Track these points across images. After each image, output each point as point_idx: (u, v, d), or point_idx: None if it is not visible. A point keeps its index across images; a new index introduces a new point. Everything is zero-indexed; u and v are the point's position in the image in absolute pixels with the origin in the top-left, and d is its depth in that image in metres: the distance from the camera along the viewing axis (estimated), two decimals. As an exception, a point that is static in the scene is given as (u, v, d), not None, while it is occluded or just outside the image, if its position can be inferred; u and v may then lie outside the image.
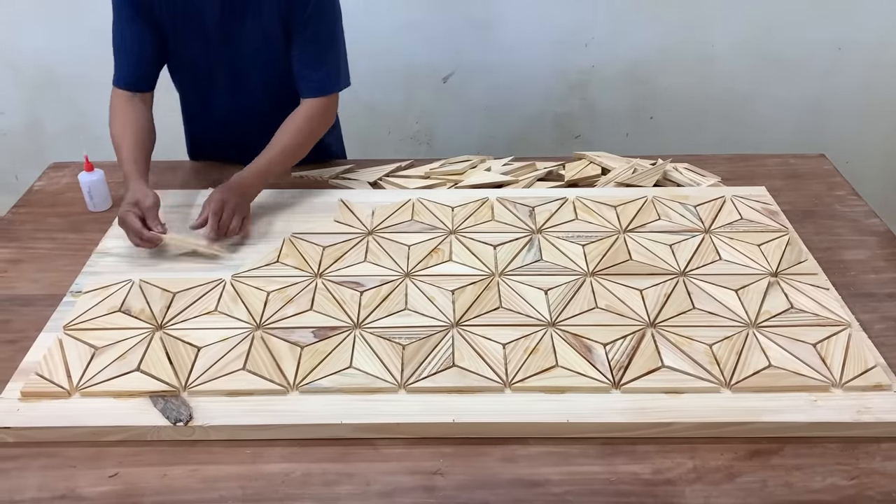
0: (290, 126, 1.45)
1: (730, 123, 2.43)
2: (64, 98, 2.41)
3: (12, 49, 2.34)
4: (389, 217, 1.43)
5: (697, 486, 0.95)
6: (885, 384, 1.05)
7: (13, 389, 1.06)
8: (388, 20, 2.26)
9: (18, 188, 2.34)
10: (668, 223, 1.40)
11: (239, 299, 1.22)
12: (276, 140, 1.44)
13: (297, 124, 1.45)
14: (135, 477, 0.97)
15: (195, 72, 1.52)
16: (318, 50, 1.43)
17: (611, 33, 2.28)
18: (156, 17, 1.42)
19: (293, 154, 1.46)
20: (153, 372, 1.07)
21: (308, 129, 1.46)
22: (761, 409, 1.02)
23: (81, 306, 1.20)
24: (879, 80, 2.34)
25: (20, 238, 1.44)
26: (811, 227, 1.44)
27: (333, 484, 0.96)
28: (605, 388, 1.05)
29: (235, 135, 1.61)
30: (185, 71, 1.54)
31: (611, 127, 2.46)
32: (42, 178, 1.66)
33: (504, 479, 0.96)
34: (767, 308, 1.18)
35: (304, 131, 1.45)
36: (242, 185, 1.38)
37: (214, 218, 1.32)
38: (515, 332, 1.14)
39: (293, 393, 1.05)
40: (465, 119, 2.45)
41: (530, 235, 1.37)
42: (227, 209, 1.33)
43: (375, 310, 1.19)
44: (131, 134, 1.42)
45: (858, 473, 0.96)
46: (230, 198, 1.34)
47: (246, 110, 1.56)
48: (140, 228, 1.28)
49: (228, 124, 1.60)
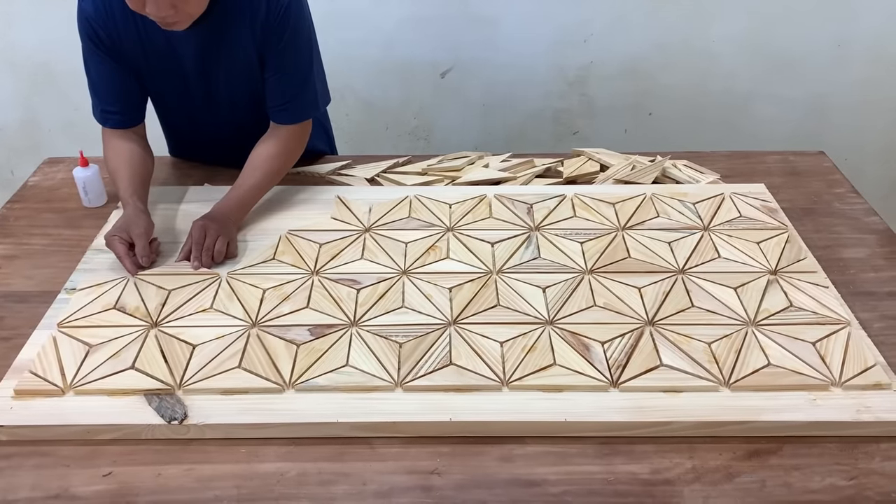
0: (265, 153, 1.42)
1: (729, 120, 2.42)
2: (60, 93, 2.40)
3: (8, 44, 2.33)
4: (386, 214, 1.42)
5: (696, 487, 0.94)
6: (884, 383, 1.04)
7: (6, 387, 1.05)
8: (386, 15, 2.24)
9: (13, 183, 2.34)
10: (667, 220, 1.40)
11: (234, 297, 1.21)
12: (253, 167, 1.41)
13: (271, 151, 1.42)
14: (129, 476, 0.96)
15: (175, 102, 1.50)
16: (291, 79, 1.39)
17: (610, 29, 2.27)
18: (127, 58, 1.37)
19: (271, 179, 1.43)
20: (148, 370, 1.06)
21: (284, 153, 1.44)
22: (760, 407, 1.01)
23: (76, 303, 1.19)
24: (879, 77, 2.33)
25: (15, 234, 1.43)
26: (810, 224, 1.44)
27: (329, 483, 0.95)
28: (604, 386, 1.04)
29: (217, 154, 1.60)
30: (162, 101, 1.51)
31: (609, 123, 2.45)
32: (37, 174, 1.65)
33: (501, 479, 0.95)
34: (766, 306, 1.18)
35: (279, 156, 1.43)
36: (224, 215, 1.35)
37: (197, 246, 1.29)
38: (513, 331, 1.13)
39: (289, 391, 1.04)
40: (463, 115, 2.44)
41: (528, 233, 1.37)
42: (209, 235, 1.30)
43: (372, 307, 1.18)
44: (126, 164, 1.40)
45: (857, 474, 0.96)
46: (211, 224, 1.31)
47: (230, 132, 1.53)
48: (124, 255, 1.25)
49: (209, 145, 1.59)
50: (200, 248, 1.29)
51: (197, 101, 1.47)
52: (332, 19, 1.49)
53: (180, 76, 1.42)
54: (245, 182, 1.40)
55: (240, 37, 1.35)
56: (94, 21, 1.33)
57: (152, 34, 1.33)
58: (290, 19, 1.34)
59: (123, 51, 1.36)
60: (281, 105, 1.41)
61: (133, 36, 1.34)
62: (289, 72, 1.39)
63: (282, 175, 1.46)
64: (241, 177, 1.41)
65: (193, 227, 1.32)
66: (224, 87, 1.44)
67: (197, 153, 1.67)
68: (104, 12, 1.32)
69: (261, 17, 1.32)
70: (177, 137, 1.67)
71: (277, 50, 1.36)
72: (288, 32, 1.35)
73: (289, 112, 1.42)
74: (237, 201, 1.39)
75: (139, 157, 1.43)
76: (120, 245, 1.26)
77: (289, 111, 1.42)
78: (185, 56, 1.37)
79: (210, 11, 1.29)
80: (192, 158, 1.68)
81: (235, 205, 1.38)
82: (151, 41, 1.35)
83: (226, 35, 1.34)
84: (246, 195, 1.40)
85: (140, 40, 1.35)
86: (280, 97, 1.41)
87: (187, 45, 1.35)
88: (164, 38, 1.34)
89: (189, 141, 1.66)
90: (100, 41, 1.35)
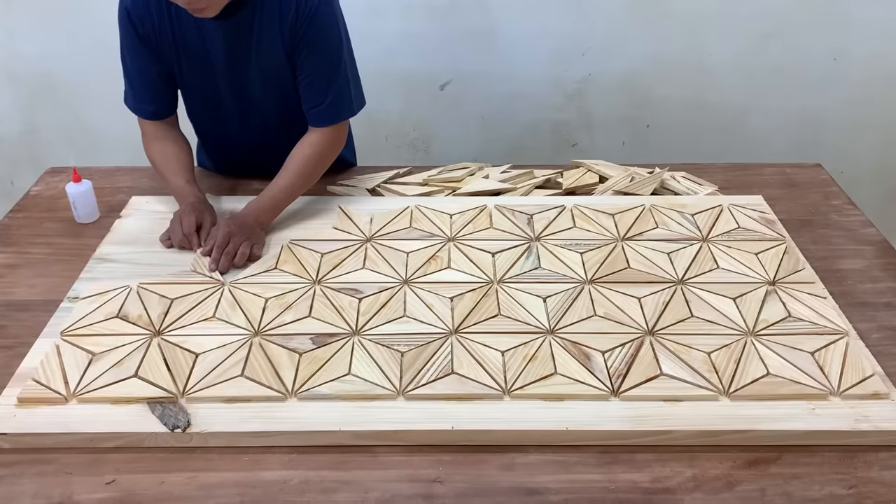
0: (299, 155, 1.44)
1: (726, 133, 2.44)
2: (60, 104, 2.41)
3: (9, 55, 2.34)
4: (388, 224, 1.43)
5: (696, 495, 0.95)
6: (882, 393, 1.05)
7: (10, 395, 1.05)
8: (386, 28, 2.26)
9: (13, 194, 2.34)
10: (666, 231, 1.41)
11: (237, 306, 1.21)
12: (287, 169, 1.43)
13: (305, 153, 1.44)
14: (132, 484, 0.96)
15: (204, 98, 1.52)
16: (321, 79, 1.41)
17: (608, 42, 2.29)
18: (161, 50, 1.41)
19: (303, 182, 1.45)
20: (151, 378, 1.07)
21: (318, 156, 1.45)
22: (760, 417, 1.02)
23: (79, 312, 1.20)
24: (874, 90, 2.35)
25: (17, 243, 1.44)
26: (808, 236, 1.45)
27: (332, 491, 0.95)
28: (604, 395, 1.05)
29: (248, 156, 1.61)
30: (194, 96, 1.53)
31: (607, 135, 2.46)
32: (39, 184, 1.65)
33: (503, 487, 0.96)
34: (765, 316, 1.19)
35: (313, 159, 1.45)
36: (256, 216, 1.39)
37: (218, 250, 1.31)
38: (514, 340, 1.14)
39: (291, 400, 1.05)
40: (462, 127, 2.45)
41: (529, 243, 1.37)
42: (233, 242, 1.32)
43: (374, 317, 1.19)
44: (174, 157, 1.46)
45: (856, 482, 0.96)
46: (237, 231, 1.33)
47: (258, 134, 1.55)
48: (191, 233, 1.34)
49: (240, 146, 1.60)
50: (221, 252, 1.31)
51: (225, 97, 1.49)
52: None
53: (209, 71, 1.44)
54: (277, 183, 1.43)
55: (269, 35, 1.37)
56: (133, 13, 1.37)
57: (185, 27, 1.37)
58: (319, 21, 1.36)
59: (159, 44, 1.40)
60: (313, 107, 1.43)
61: (167, 29, 1.38)
62: (319, 74, 1.41)
63: (315, 178, 1.48)
64: (276, 178, 1.43)
65: (220, 226, 1.34)
66: (253, 84, 1.46)
67: (224, 158, 1.68)
68: (142, 5, 1.36)
69: (290, 18, 1.35)
70: (205, 139, 1.68)
71: (307, 52, 1.39)
72: (317, 35, 1.37)
73: (320, 114, 1.44)
74: (269, 201, 1.41)
75: (182, 148, 1.48)
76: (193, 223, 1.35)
77: (320, 113, 1.44)
78: (215, 49, 1.40)
79: (241, 6, 1.32)
80: (220, 165, 1.70)
81: (267, 205, 1.41)
82: (184, 34, 1.38)
83: (255, 31, 1.37)
84: (278, 196, 1.42)
85: (173, 34, 1.38)
86: (311, 100, 1.43)
87: (217, 39, 1.38)
88: (196, 31, 1.37)
89: (217, 144, 1.66)
90: (137, 33, 1.39)
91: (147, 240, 1.39)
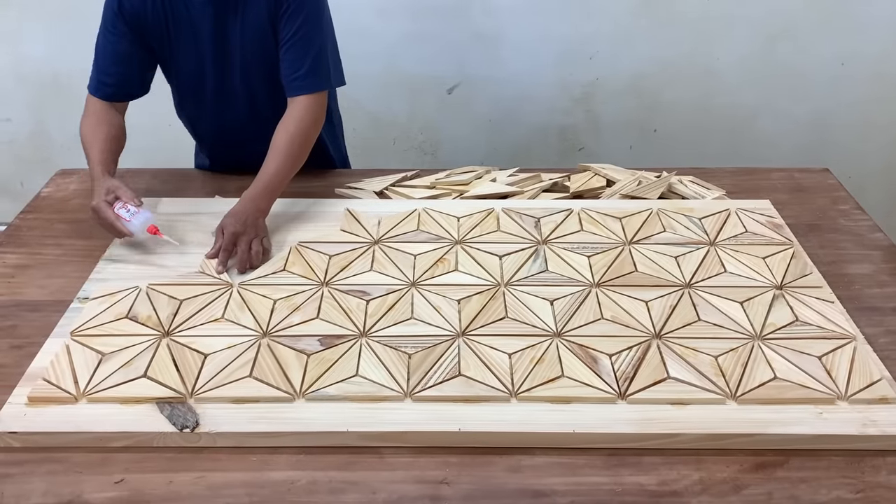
0: (283, 136, 1.44)
1: (734, 137, 2.44)
2: (69, 105, 2.41)
3: (18, 57, 2.35)
4: (395, 227, 1.44)
5: (703, 498, 0.95)
6: (890, 397, 1.05)
7: (20, 395, 1.06)
8: (394, 31, 2.27)
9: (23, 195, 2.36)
10: (674, 235, 1.41)
11: (245, 307, 1.22)
12: (273, 152, 1.43)
13: (289, 130, 1.44)
14: (141, 483, 0.97)
15: (189, 76, 1.53)
16: (299, 44, 1.44)
17: (615, 46, 2.29)
18: (148, 27, 1.44)
19: (293, 162, 1.45)
20: (160, 378, 1.07)
21: (301, 134, 1.45)
22: (767, 420, 1.02)
23: (88, 312, 1.21)
24: (882, 95, 2.35)
25: (28, 244, 1.45)
26: (815, 240, 1.45)
27: (339, 492, 0.96)
28: (611, 398, 1.05)
29: (236, 140, 1.62)
30: (180, 75, 1.55)
31: (615, 139, 2.46)
32: (49, 185, 1.67)
33: (510, 490, 0.96)
34: (773, 320, 1.19)
35: (298, 137, 1.44)
36: (256, 205, 1.38)
37: (225, 253, 1.32)
38: (521, 342, 1.14)
39: (299, 400, 1.05)
40: (469, 130, 2.46)
41: (536, 246, 1.38)
42: (241, 243, 1.32)
43: (381, 318, 1.19)
44: (103, 137, 1.46)
45: (864, 487, 0.96)
46: (242, 230, 1.33)
47: (243, 114, 1.57)
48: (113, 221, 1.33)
49: (227, 129, 1.61)
50: (228, 255, 1.32)
51: (211, 77, 1.51)
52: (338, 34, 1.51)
53: (195, 45, 1.47)
54: (267, 169, 1.42)
55: (255, 3, 1.42)
56: None
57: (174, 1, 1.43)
58: None
59: (147, 21, 1.44)
60: (293, 76, 1.45)
61: (158, 6, 1.42)
62: (297, 38, 1.43)
63: (303, 156, 1.47)
64: (265, 164, 1.43)
65: (223, 228, 1.34)
66: (239, 59, 1.48)
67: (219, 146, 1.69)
68: None
69: None
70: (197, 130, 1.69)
71: (287, 16, 1.42)
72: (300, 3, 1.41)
73: (300, 83, 1.45)
74: (263, 187, 1.41)
75: (115, 134, 1.48)
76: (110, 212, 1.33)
77: (298, 80, 1.45)
78: (202, 23, 1.44)
79: None
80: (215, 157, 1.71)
81: (262, 192, 1.40)
82: (174, 8, 1.43)
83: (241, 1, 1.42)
84: (271, 180, 1.42)
85: (163, 9, 1.43)
86: (292, 68, 1.45)
87: (203, 12, 1.43)
88: (184, 6, 1.43)
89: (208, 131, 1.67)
90: (123, 11, 1.42)
91: (156, 241, 1.39)
